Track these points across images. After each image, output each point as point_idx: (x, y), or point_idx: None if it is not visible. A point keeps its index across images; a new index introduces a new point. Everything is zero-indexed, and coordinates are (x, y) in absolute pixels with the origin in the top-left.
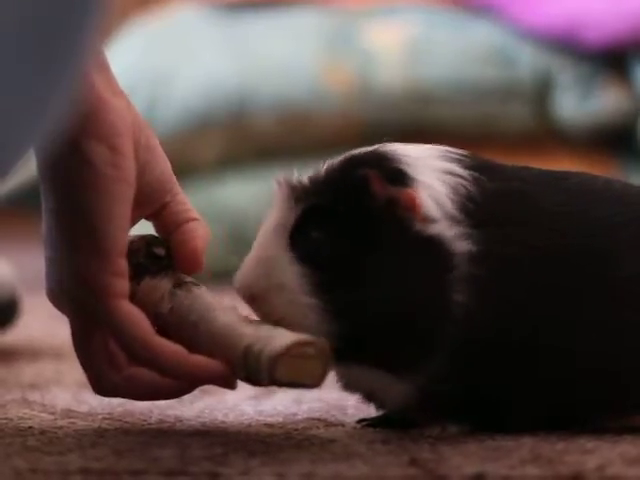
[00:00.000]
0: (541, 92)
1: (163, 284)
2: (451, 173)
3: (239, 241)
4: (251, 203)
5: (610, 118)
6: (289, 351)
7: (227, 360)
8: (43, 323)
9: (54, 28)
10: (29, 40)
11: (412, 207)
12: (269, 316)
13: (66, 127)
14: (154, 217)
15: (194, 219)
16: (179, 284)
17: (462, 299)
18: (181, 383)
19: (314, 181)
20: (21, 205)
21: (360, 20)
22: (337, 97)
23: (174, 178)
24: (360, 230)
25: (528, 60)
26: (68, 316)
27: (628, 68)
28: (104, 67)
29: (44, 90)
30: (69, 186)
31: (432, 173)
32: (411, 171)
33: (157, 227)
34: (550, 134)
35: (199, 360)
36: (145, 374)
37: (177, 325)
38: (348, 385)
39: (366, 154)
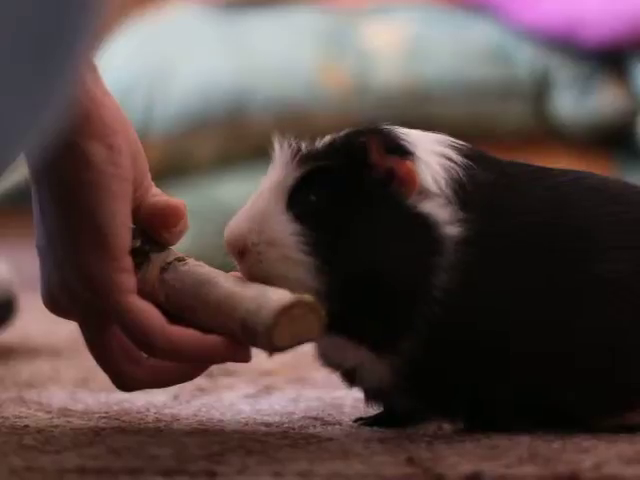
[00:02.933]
0: (539, 91)
1: (150, 275)
2: (447, 157)
3: None
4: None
5: (608, 117)
6: (279, 320)
7: (232, 334)
8: (40, 322)
9: (51, 29)
10: (26, 41)
11: (408, 180)
12: (257, 271)
13: (63, 128)
14: (134, 210)
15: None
16: (165, 268)
17: (445, 282)
18: (199, 364)
19: (316, 146)
20: (16, 204)
21: (358, 19)
22: (335, 96)
23: (149, 174)
24: (355, 198)
25: (526, 59)
26: (76, 320)
27: (626, 67)
28: (92, 66)
29: (41, 90)
30: (69, 187)
31: (429, 153)
32: (410, 147)
33: (136, 221)
34: (548, 133)
35: (215, 341)
36: (167, 362)
37: (176, 309)
38: (328, 360)
39: (369, 128)
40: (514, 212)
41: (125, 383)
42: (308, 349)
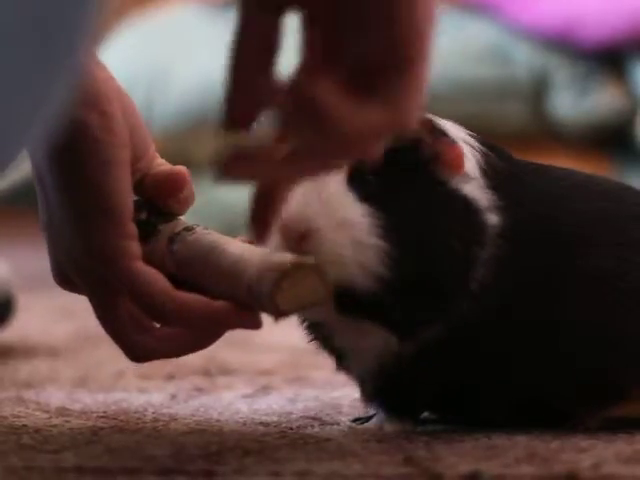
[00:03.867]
0: (537, 91)
1: (158, 246)
2: (470, 145)
3: None
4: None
5: (606, 117)
6: (281, 284)
7: (241, 300)
8: (38, 321)
9: (53, 27)
10: (29, 39)
11: (457, 164)
12: (322, 256)
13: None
14: (139, 182)
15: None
16: (173, 239)
17: (482, 276)
18: (209, 332)
19: None
20: (15, 204)
21: None
22: None
23: (152, 143)
24: (409, 179)
25: (524, 59)
26: (85, 293)
27: (624, 67)
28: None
29: (43, 88)
30: (67, 158)
31: (461, 140)
32: (449, 133)
33: (141, 193)
34: (546, 133)
35: (223, 306)
36: (177, 330)
37: (186, 278)
38: (328, 336)
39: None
40: (532, 201)
41: (137, 354)
42: (308, 349)
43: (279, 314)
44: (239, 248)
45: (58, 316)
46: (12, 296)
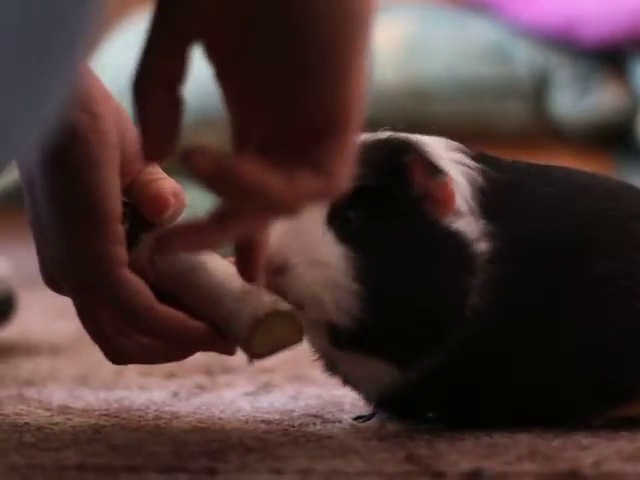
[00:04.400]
0: (538, 89)
1: (139, 257)
2: (463, 164)
3: None
4: None
5: (607, 116)
6: (256, 331)
7: (219, 326)
8: (39, 319)
9: (53, 27)
10: (28, 39)
11: (447, 201)
12: (293, 291)
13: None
14: (127, 185)
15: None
16: (154, 250)
17: (477, 303)
18: (182, 348)
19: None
20: (14, 202)
21: None
22: None
23: None
24: (392, 217)
25: (525, 58)
26: (70, 295)
27: (625, 66)
28: None
29: (42, 88)
30: (57, 159)
31: (452, 165)
32: (441, 164)
33: (128, 197)
34: (547, 132)
35: (200, 328)
36: (153, 340)
37: (167, 291)
38: (331, 365)
39: (401, 142)
40: (529, 214)
41: (116, 356)
42: (308, 347)
43: (254, 356)
44: (219, 271)
45: (59, 314)
46: (13, 294)
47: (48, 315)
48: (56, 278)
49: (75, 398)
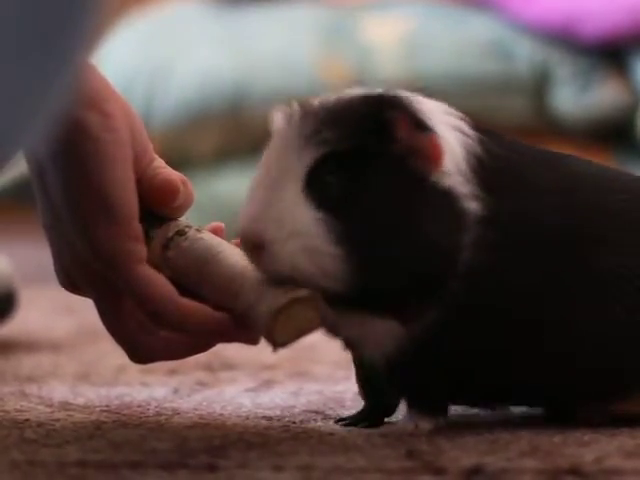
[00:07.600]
0: (539, 86)
1: (152, 253)
2: (461, 131)
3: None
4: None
5: (608, 112)
6: (277, 320)
7: (239, 316)
8: (41, 316)
9: (53, 26)
10: (29, 38)
11: (435, 157)
12: (278, 267)
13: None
14: (136, 184)
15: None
16: (166, 246)
17: (468, 259)
18: (207, 340)
19: (331, 120)
20: (16, 199)
21: (358, 14)
22: (334, 91)
23: (151, 144)
24: (376, 175)
25: (526, 54)
26: (90, 295)
27: (626, 62)
28: None
29: (43, 88)
30: (70, 160)
31: (446, 127)
32: (430, 121)
33: (139, 193)
34: (548, 128)
35: (224, 318)
36: (178, 334)
37: (183, 285)
38: (333, 329)
39: (385, 97)
40: (529, 190)
41: (140, 355)
42: (309, 342)
43: (277, 345)
44: (234, 261)
45: (60, 311)
46: (14, 291)
47: (49, 312)
48: (76, 280)
49: (76, 394)
